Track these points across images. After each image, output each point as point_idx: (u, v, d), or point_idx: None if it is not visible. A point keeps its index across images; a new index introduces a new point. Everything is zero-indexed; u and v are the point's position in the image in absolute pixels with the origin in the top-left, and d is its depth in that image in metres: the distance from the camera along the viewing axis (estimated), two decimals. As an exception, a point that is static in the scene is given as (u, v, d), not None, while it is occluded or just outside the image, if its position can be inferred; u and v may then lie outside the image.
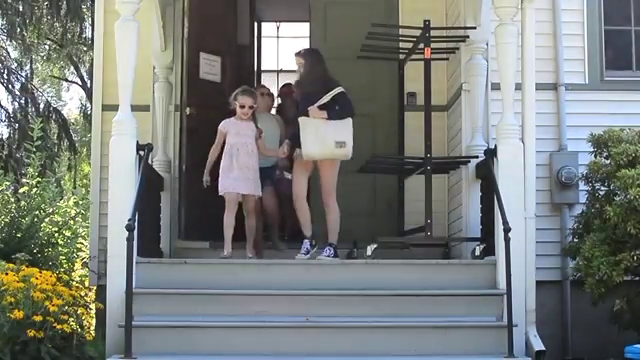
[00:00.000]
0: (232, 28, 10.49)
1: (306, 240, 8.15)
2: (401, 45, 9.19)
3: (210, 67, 9.86)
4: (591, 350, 8.60)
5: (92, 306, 8.74)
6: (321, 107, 8.07)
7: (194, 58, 9.65)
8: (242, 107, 8.37)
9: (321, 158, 8.05)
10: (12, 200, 9.02)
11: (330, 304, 7.17)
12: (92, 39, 12.11)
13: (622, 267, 7.61)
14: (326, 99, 8.08)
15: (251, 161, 8.30)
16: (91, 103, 11.39)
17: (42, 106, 20.94)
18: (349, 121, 8.07)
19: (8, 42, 21.28)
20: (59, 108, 23.65)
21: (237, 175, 8.19)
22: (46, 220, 8.95)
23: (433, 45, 8.53)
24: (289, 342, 6.94)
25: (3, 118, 20.44)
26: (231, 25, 10.46)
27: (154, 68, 9.45)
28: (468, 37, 8.84)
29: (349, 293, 7.28)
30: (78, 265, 9.46)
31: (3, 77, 20.51)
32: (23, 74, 21.55)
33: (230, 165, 8.21)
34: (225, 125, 8.38)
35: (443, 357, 6.97)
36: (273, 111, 10.35)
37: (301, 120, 8.10)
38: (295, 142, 8.25)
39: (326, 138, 7.97)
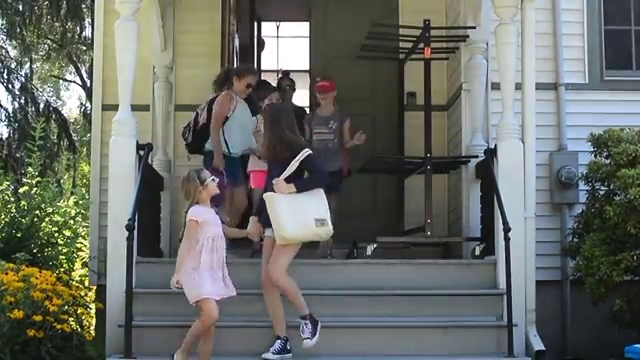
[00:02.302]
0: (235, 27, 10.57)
1: (278, 341, 6.79)
2: (401, 45, 9.20)
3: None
4: (591, 350, 8.59)
5: (92, 306, 8.74)
6: (288, 178, 6.74)
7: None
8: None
9: (303, 240, 6.77)
10: (12, 200, 9.03)
11: (329, 304, 7.17)
12: (92, 39, 12.12)
13: (622, 267, 7.61)
14: (292, 168, 6.74)
15: (224, 258, 6.78)
16: (91, 103, 11.39)
17: (42, 106, 20.98)
18: (321, 192, 6.82)
19: (8, 42, 21.29)
20: (59, 108, 23.68)
21: (219, 276, 6.63)
22: (46, 220, 8.96)
23: (433, 45, 8.54)
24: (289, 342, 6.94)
25: (3, 118, 20.48)
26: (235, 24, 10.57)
27: (154, 68, 9.46)
28: (468, 37, 8.84)
29: (348, 293, 7.28)
30: (78, 265, 9.46)
31: (3, 77, 20.54)
32: (23, 74, 21.57)
33: (210, 263, 6.57)
34: (201, 214, 6.63)
35: (443, 357, 6.96)
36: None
37: (267, 197, 6.75)
38: (262, 215, 6.95)
39: (305, 216, 6.65)
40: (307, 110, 10.00)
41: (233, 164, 8.41)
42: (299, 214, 6.63)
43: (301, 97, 10.73)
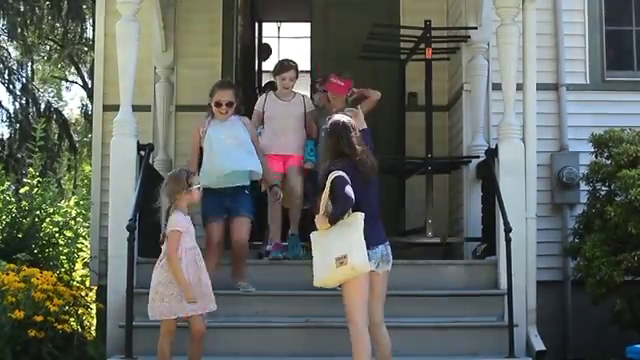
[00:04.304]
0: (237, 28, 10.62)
1: None
2: (402, 45, 9.20)
3: None
4: (592, 350, 8.59)
5: (93, 306, 8.74)
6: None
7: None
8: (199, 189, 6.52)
9: (331, 284, 6.08)
10: (13, 200, 9.03)
11: (330, 304, 7.14)
12: (93, 39, 12.13)
13: (623, 267, 7.62)
14: (325, 197, 6.01)
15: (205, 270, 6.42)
16: (92, 103, 11.40)
17: (43, 106, 20.97)
18: (357, 219, 5.91)
19: (9, 42, 21.28)
20: (60, 108, 23.67)
21: (202, 291, 6.28)
22: (47, 220, 8.96)
23: (434, 45, 8.55)
24: (289, 342, 6.94)
25: (4, 118, 20.48)
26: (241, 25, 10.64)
27: (155, 68, 9.47)
28: (469, 37, 8.85)
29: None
30: (79, 265, 9.46)
31: (4, 77, 20.54)
32: (24, 74, 21.56)
33: (192, 276, 6.24)
34: (182, 223, 6.26)
35: (444, 357, 6.96)
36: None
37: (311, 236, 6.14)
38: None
39: (328, 256, 5.88)
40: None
41: (220, 197, 7.18)
42: (325, 256, 5.90)
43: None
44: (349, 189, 5.94)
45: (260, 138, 7.79)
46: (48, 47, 22.42)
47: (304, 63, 11.13)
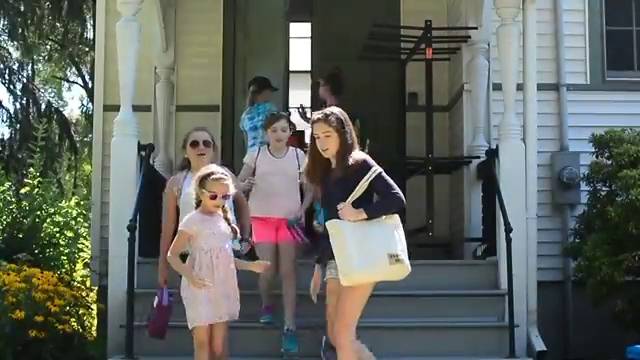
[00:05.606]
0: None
1: None
2: (402, 45, 9.21)
3: None
4: (592, 350, 8.58)
5: (93, 306, 8.74)
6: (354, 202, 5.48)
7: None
8: (213, 198, 5.78)
9: (371, 280, 5.54)
10: (14, 200, 9.03)
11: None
12: (93, 39, 12.14)
13: (623, 267, 7.61)
14: (361, 189, 5.50)
15: (231, 274, 5.89)
16: (92, 103, 11.40)
17: (43, 106, 21.00)
18: (394, 219, 5.56)
19: (10, 42, 21.30)
20: (60, 108, 23.69)
21: (217, 297, 5.78)
22: (47, 220, 8.96)
23: (434, 45, 8.55)
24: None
25: (4, 118, 20.51)
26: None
27: (155, 68, 9.47)
28: (469, 37, 8.85)
29: (350, 293, 7.26)
30: (79, 265, 9.46)
31: (5, 78, 20.57)
32: (25, 74, 21.59)
33: (209, 281, 5.75)
34: (192, 223, 5.80)
35: (444, 357, 6.96)
36: None
37: (332, 225, 5.46)
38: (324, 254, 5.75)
39: (374, 250, 5.39)
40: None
41: None
42: (367, 248, 5.38)
43: (301, 97, 10.71)
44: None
45: (249, 201, 6.86)
46: (48, 47, 22.44)
47: (304, 63, 11.14)
